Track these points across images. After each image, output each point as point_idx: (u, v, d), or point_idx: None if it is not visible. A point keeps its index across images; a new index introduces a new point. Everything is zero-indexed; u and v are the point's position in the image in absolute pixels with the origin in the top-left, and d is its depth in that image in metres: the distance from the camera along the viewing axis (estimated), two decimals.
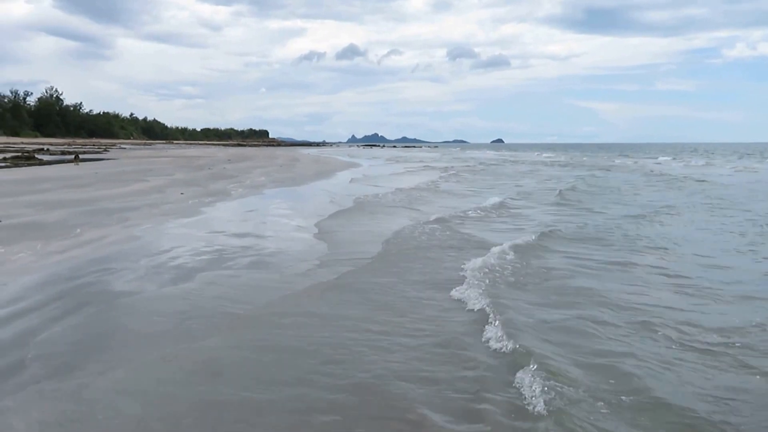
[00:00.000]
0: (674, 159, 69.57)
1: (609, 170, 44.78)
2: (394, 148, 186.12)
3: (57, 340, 6.37)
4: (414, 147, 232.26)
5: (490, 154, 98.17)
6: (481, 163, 56.08)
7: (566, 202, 20.66)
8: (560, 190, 24.69)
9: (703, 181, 31.03)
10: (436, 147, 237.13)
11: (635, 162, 62.86)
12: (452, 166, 50.80)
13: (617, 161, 64.79)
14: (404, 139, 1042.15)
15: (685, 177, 34.15)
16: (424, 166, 49.74)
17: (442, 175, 37.22)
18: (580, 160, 70.18)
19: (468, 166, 52.10)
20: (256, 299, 8.09)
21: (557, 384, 5.15)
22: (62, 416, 4.72)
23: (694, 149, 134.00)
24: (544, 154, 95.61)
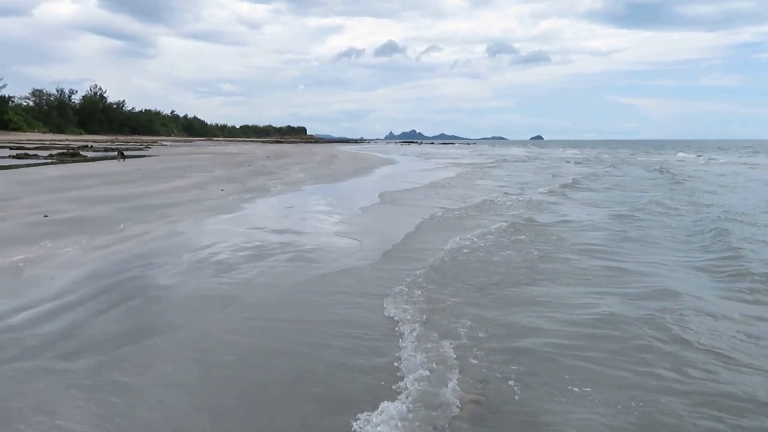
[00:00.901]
0: (698, 156, 68.66)
1: (616, 167, 44.32)
2: (432, 145, 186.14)
3: (103, 332, 6.54)
4: (451, 144, 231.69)
5: (519, 151, 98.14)
6: (505, 161, 55.83)
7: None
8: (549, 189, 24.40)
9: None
10: (475, 144, 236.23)
11: (660, 158, 62.70)
12: (474, 163, 51.19)
13: (639, 158, 64.22)
14: (442, 136, 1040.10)
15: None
16: (450, 163, 49.53)
17: (461, 171, 37.25)
18: (601, 156, 70.32)
19: (488, 162, 52.41)
20: (297, 292, 8.22)
21: None
22: (109, 407, 4.85)
23: (746, 145, 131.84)
24: (569, 151, 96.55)
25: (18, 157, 42.50)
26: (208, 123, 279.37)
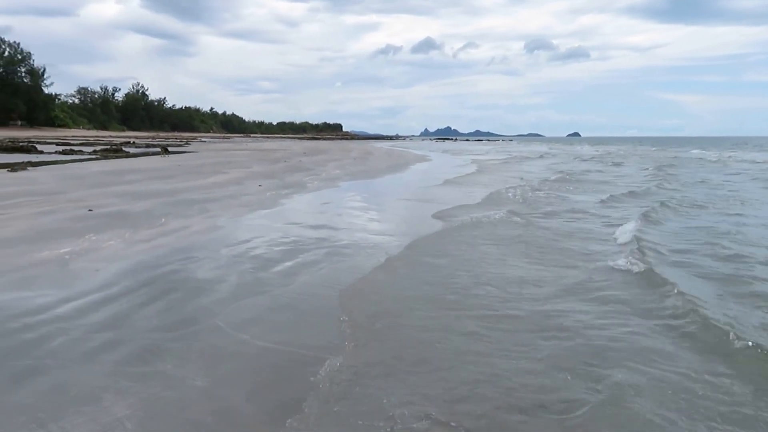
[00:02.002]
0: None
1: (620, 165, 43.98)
2: (467, 142, 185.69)
3: (145, 323, 6.75)
4: (488, 140, 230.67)
5: (541, 147, 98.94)
6: (525, 157, 56.06)
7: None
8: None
9: None
10: (511, 141, 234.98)
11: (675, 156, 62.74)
12: (489, 159, 53.09)
13: (657, 154, 64.29)
14: (477, 133, 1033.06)
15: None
16: (472, 160, 49.41)
17: (477, 168, 37.68)
18: (616, 152, 72.59)
19: (503, 159, 54.12)
20: (333, 287, 8.39)
21: None
22: (153, 395, 5.04)
23: None
24: (586, 146, 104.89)
25: (64, 152, 43.27)
26: (246, 120, 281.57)
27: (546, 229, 13.44)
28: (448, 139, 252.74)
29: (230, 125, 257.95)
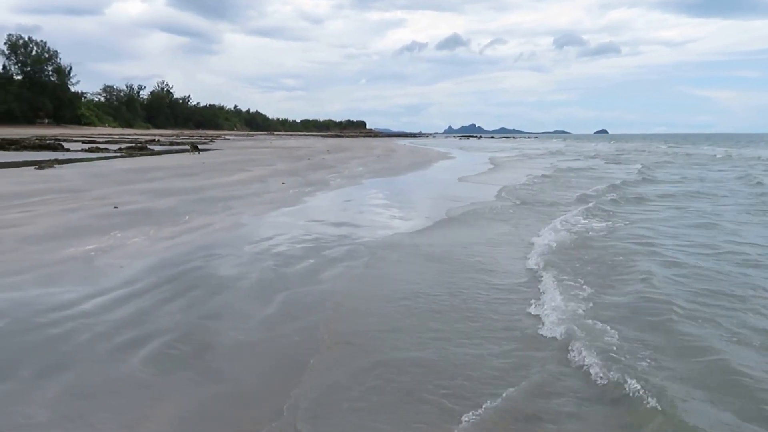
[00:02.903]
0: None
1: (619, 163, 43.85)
2: (491, 139, 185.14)
3: (169, 320, 6.82)
4: (513, 138, 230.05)
5: (557, 145, 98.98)
6: (541, 154, 56.22)
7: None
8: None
9: None
10: (536, 138, 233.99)
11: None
12: (503, 156, 53.81)
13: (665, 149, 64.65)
14: (502, 130, 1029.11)
15: None
16: (490, 158, 49.27)
17: (491, 166, 37.80)
18: (629, 149, 73.64)
19: (515, 156, 54.89)
20: (356, 283, 8.46)
21: None
22: (178, 389, 5.12)
23: None
24: (602, 144, 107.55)
25: (90, 150, 43.76)
26: (270, 117, 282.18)
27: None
28: (472, 136, 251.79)
29: (254, 123, 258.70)
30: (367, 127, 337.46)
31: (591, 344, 5.87)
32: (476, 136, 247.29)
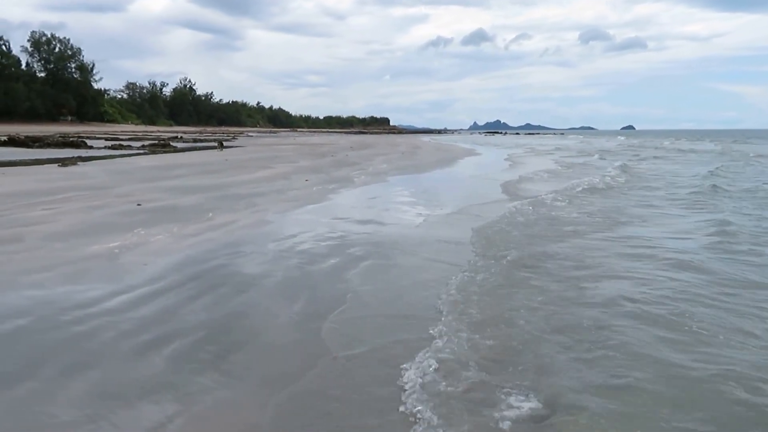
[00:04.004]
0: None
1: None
2: (516, 135, 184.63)
3: (193, 318, 6.74)
4: (538, 134, 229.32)
5: (571, 142, 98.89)
6: (557, 149, 56.21)
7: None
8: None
9: None
10: (562, 134, 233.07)
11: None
12: (521, 153, 53.41)
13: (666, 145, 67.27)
14: (528, 126, 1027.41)
15: None
16: (508, 155, 49.11)
17: (511, 163, 37.55)
18: (637, 145, 74.94)
19: (526, 152, 55.18)
20: (379, 282, 8.33)
21: None
22: (203, 391, 5.01)
23: None
24: (620, 138, 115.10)
25: (113, 147, 44.00)
26: (293, 114, 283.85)
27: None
28: (497, 132, 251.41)
29: (277, 119, 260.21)
30: (391, 123, 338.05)
31: None
32: (501, 133, 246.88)
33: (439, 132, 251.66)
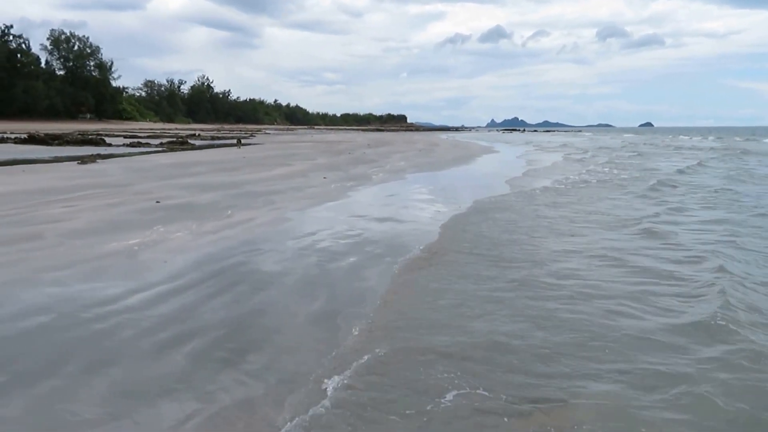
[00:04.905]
0: None
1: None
2: (534, 133, 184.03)
3: (212, 315, 6.74)
4: (555, 131, 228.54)
5: (579, 140, 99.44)
6: (566, 143, 55.90)
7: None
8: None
9: None
10: (580, 131, 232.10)
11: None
12: (535, 150, 54.56)
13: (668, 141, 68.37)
14: (545, 123, 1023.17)
15: None
16: (524, 152, 49.16)
17: (528, 160, 37.64)
18: (637, 142, 76.10)
19: (536, 149, 56.43)
20: (401, 279, 8.28)
21: None
22: (222, 392, 4.99)
23: None
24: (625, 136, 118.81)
25: (131, 145, 44.30)
26: (310, 111, 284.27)
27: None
28: (515, 130, 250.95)
29: (294, 117, 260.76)
30: (408, 121, 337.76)
31: None
32: (519, 130, 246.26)
33: (457, 129, 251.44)
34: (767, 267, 9.19)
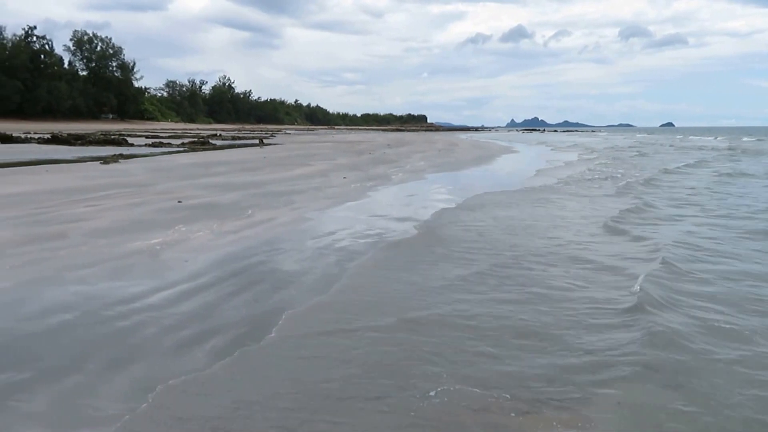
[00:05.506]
0: None
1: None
2: (554, 133, 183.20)
3: (233, 314, 6.81)
4: (576, 131, 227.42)
5: (591, 140, 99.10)
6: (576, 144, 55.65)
7: None
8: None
9: None
10: (601, 131, 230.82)
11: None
12: (543, 150, 54.99)
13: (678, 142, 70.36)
14: (566, 123, 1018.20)
15: None
16: (541, 152, 49.05)
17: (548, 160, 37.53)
18: (646, 142, 78.08)
19: (552, 149, 56.95)
20: (423, 279, 8.30)
21: None
22: (245, 386, 5.04)
23: None
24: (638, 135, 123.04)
25: (153, 145, 44.64)
26: (330, 112, 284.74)
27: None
28: (535, 130, 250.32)
29: (314, 117, 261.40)
30: (428, 120, 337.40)
31: None
32: (540, 130, 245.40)
33: (477, 129, 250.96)
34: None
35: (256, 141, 55.48)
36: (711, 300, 7.41)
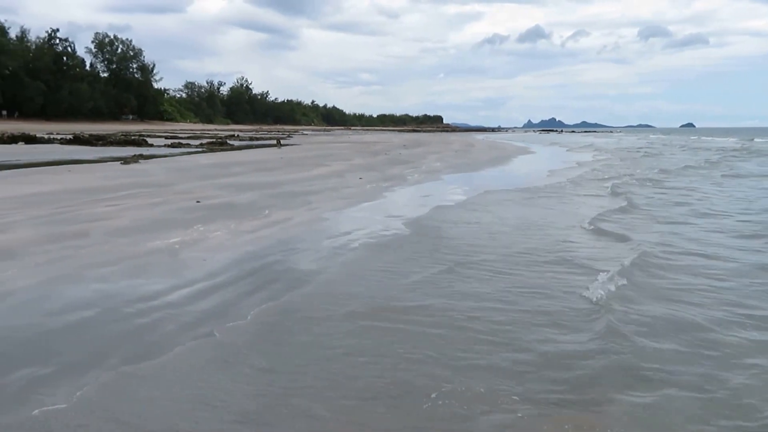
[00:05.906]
0: None
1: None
2: (572, 133, 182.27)
3: (250, 312, 6.91)
4: (594, 132, 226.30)
5: (605, 140, 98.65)
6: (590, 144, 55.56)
7: None
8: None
9: None
10: (620, 132, 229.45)
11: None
12: (559, 150, 55.90)
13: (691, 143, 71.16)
14: (584, 124, 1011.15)
15: None
16: (556, 152, 49.14)
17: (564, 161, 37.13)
18: (656, 142, 79.54)
19: (567, 150, 56.83)
20: (437, 280, 8.38)
21: None
22: (261, 384, 5.16)
23: None
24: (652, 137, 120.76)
25: (172, 146, 44.99)
26: (346, 112, 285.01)
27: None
28: (552, 130, 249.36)
29: (331, 118, 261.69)
30: (444, 121, 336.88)
31: None
32: (557, 131, 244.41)
33: (493, 130, 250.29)
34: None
35: (274, 141, 55.62)
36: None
